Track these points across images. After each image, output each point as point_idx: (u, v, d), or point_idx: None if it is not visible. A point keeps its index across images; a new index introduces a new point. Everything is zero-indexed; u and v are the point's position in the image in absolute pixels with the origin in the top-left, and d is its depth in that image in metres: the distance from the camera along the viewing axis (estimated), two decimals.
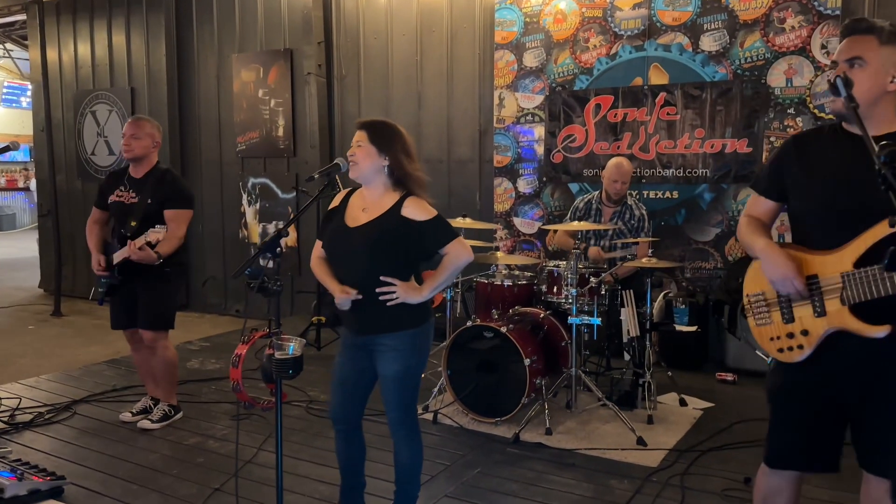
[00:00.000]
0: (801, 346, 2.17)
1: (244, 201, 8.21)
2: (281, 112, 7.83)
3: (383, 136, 2.83)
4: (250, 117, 8.04)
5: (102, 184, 4.38)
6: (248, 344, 2.51)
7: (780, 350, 2.22)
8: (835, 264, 2.10)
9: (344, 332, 2.93)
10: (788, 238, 2.40)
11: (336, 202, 2.97)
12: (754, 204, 2.42)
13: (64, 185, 9.36)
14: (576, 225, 4.41)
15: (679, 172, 5.77)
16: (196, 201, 4.44)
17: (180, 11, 8.41)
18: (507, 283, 4.70)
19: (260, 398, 2.77)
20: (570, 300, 4.24)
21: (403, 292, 2.75)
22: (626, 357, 5.50)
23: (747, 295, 2.34)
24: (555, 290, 4.42)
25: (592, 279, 4.32)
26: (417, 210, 2.77)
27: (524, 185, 6.46)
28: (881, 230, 2.00)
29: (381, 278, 2.74)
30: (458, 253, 2.82)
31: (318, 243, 2.97)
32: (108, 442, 4.06)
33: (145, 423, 4.22)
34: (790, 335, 2.19)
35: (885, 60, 2.07)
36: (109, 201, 4.28)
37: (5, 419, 4.31)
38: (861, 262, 2.05)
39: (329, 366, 5.65)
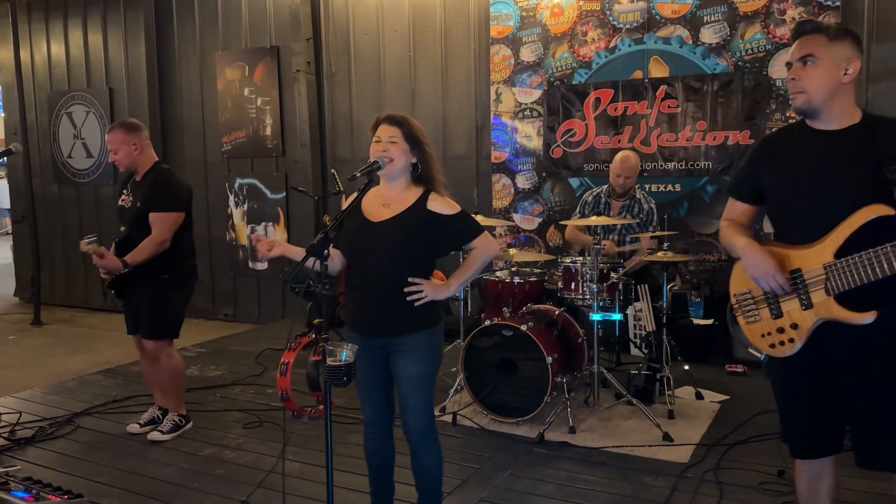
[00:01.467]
0: (791, 340, 2.23)
1: (231, 202, 8.02)
2: (268, 111, 7.66)
3: (414, 132, 2.75)
4: (236, 116, 7.85)
5: (117, 187, 4.23)
6: (294, 351, 2.40)
7: (772, 346, 2.28)
8: (816, 257, 2.17)
9: (351, 335, 2.81)
10: None
11: (346, 205, 2.86)
12: (731, 208, 2.49)
13: (39, 190, 9.06)
14: (594, 220, 4.35)
15: (681, 165, 5.76)
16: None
17: (160, 9, 8.18)
18: (518, 279, 4.64)
19: (306, 407, 2.64)
20: (590, 296, 4.19)
21: (431, 290, 2.68)
22: (633, 351, 5.52)
23: (734, 294, 2.41)
24: (572, 286, 4.36)
25: (613, 274, 4.27)
26: (443, 205, 2.72)
27: (523, 181, 6.40)
28: (857, 220, 2.09)
29: (410, 279, 2.66)
30: (485, 247, 2.77)
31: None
32: (118, 455, 3.89)
33: (156, 435, 4.06)
34: (780, 330, 2.26)
35: (836, 55, 2.17)
36: (117, 205, 4.12)
37: (5, 435, 4.11)
38: (841, 253, 2.12)
39: None
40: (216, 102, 7.94)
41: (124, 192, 4.07)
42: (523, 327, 4.11)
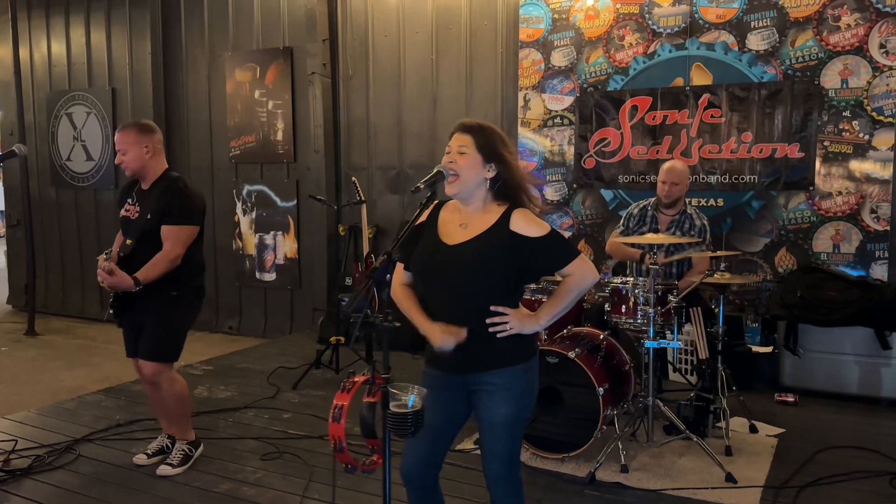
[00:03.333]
0: None
1: (238, 210, 7.65)
2: (280, 114, 7.30)
3: (490, 141, 2.37)
4: (245, 120, 7.49)
5: (119, 194, 3.83)
6: (349, 392, 2.03)
7: None
8: None
9: (429, 372, 2.45)
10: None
11: (424, 217, 2.49)
12: None
13: (36, 193, 8.66)
14: (650, 237, 3.99)
15: (724, 179, 5.43)
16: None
17: (167, 7, 7.83)
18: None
19: (358, 457, 2.25)
20: (644, 321, 3.83)
21: (518, 322, 2.32)
22: (672, 376, 5.16)
23: None
24: (622, 309, 4.00)
25: (671, 298, 3.92)
26: (529, 224, 2.33)
27: (552, 192, 6.06)
28: None
29: (492, 308, 2.30)
30: (583, 274, 2.38)
31: (400, 267, 2.49)
32: (124, 491, 3.50)
33: (165, 469, 3.67)
34: None
35: None
36: (120, 215, 3.73)
37: None
38: None
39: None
40: (224, 105, 7.58)
41: (129, 201, 3.69)
42: (571, 354, 3.75)
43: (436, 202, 2.52)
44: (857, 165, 5.05)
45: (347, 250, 6.80)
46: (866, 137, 5.00)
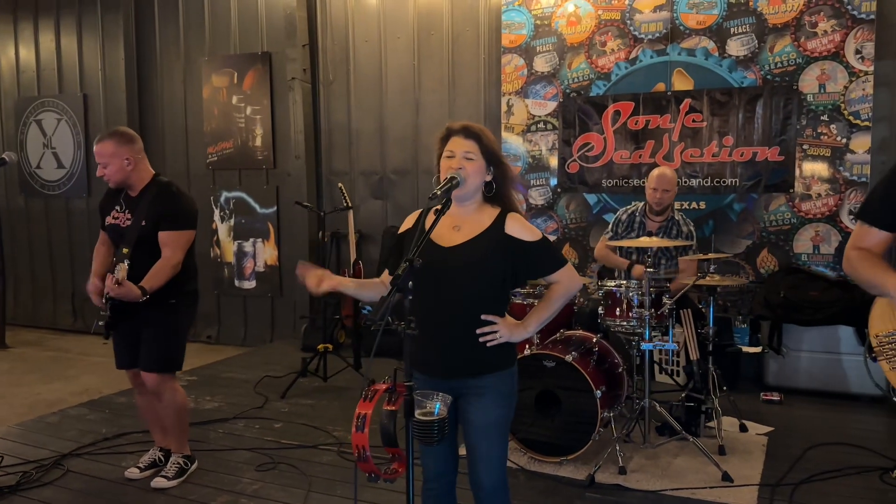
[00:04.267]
0: None
1: (216, 217, 7.55)
2: (259, 120, 7.23)
3: (491, 145, 2.41)
4: (223, 126, 7.40)
5: (100, 203, 3.73)
6: (372, 402, 2.01)
7: None
8: None
9: (418, 377, 2.42)
10: None
11: (409, 223, 2.50)
12: (864, 235, 2.20)
13: (4, 202, 8.44)
14: (645, 241, 4.04)
15: (706, 182, 5.52)
16: None
17: (140, 11, 7.70)
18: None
19: (379, 465, 2.22)
20: (640, 324, 3.87)
21: (507, 331, 2.34)
22: (658, 377, 5.21)
23: (877, 335, 2.15)
24: (617, 312, 4.03)
25: (666, 300, 3.96)
26: (523, 229, 2.37)
27: (537, 196, 6.09)
28: None
29: (483, 317, 2.31)
30: (570, 281, 2.44)
31: (385, 273, 2.50)
32: None
33: (160, 482, 3.59)
34: None
35: None
36: (105, 224, 3.64)
37: None
38: None
39: (343, 398, 5.18)
40: (201, 111, 7.48)
41: (116, 208, 3.61)
42: (568, 357, 3.77)
43: (420, 210, 2.52)
44: (835, 168, 5.17)
45: (330, 257, 6.75)
46: (844, 141, 5.13)
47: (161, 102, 7.71)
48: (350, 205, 5.36)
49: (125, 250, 3.40)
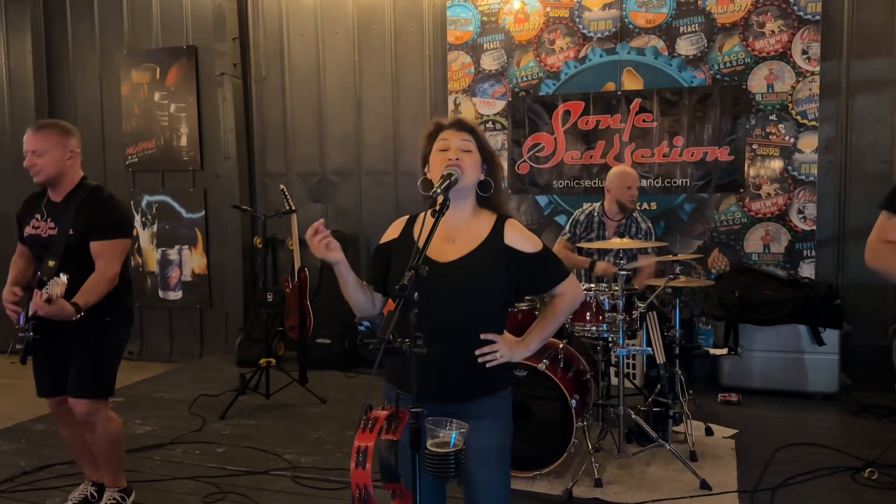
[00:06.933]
0: None
1: (137, 223, 7.01)
2: (184, 118, 6.76)
3: (485, 140, 2.17)
4: (144, 125, 6.89)
5: (19, 212, 3.28)
6: (373, 432, 1.73)
7: None
8: None
9: (401, 400, 2.15)
10: None
11: (394, 233, 2.22)
12: (892, 227, 2.09)
13: None
14: (615, 242, 3.89)
15: (657, 182, 5.46)
16: None
17: (50, 2, 7.08)
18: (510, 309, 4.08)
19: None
20: (614, 328, 3.72)
21: (508, 349, 2.10)
22: (614, 381, 5.10)
23: None
24: (587, 317, 3.87)
25: (640, 304, 3.83)
26: (523, 238, 2.13)
27: None
28: None
29: (483, 336, 2.07)
30: (575, 294, 2.22)
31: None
32: None
33: None
34: None
35: None
36: (25, 234, 3.20)
37: None
38: None
39: (289, 417, 4.82)
40: (120, 109, 6.93)
41: (37, 216, 3.18)
42: (540, 366, 3.58)
43: (407, 217, 2.26)
44: (784, 167, 5.21)
45: (265, 264, 6.35)
46: (792, 140, 5.17)
47: (74, 99, 7.12)
48: (294, 208, 5.01)
49: (51, 263, 2.98)
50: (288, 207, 4.98)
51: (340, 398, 5.18)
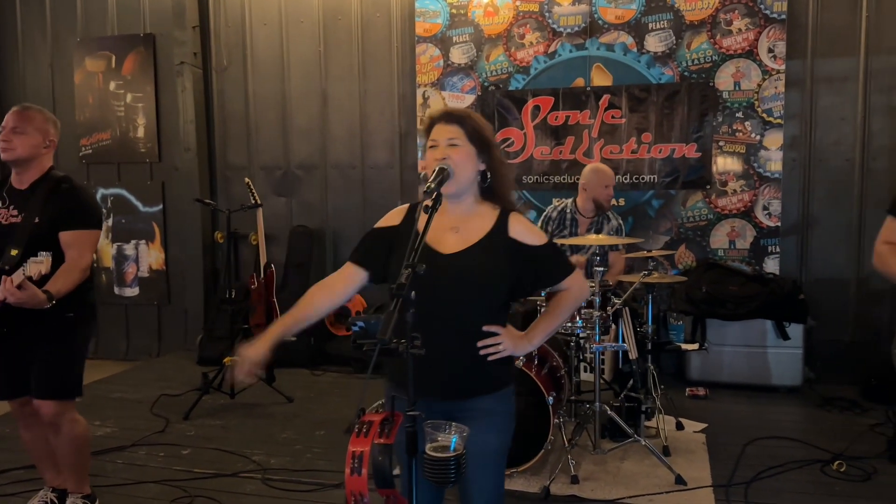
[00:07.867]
0: None
1: None
2: (141, 108, 6.54)
3: (480, 131, 2.09)
4: (99, 115, 6.64)
5: None
6: (368, 437, 1.66)
7: None
8: None
9: (399, 396, 2.09)
10: None
11: (396, 219, 2.15)
12: (892, 231, 2.17)
13: None
14: (592, 238, 3.87)
15: (625, 179, 5.47)
16: None
17: None
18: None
19: None
20: (589, 325, 3.71)
21: (511, 344, 2.05)
22: (584, 376, 5.11)
23: None
24: None
25: (614, 298, 3.82)
26: (528, 231, 2.08)
27: None
28: None
29: (486, 328, 2.02)
30: (581, 289, 2.18)
31: (348, 266, 2.16)
32: None
33: None
34: None
35: None
36: None
37: None
38: None
39: (256, 416, 4.70)
40: (73, 98, 6.67)
41: None
42: (518, 363, 3.54)
43: (408, 205, 2.20)
44: (749, 164, 5.27)
45: (228, 259, 6.19)
46: (758, 137, 5.23)
47: (24, 88, 6.82)
48: (259, 202, 4.88)
49: (14, 252, 2.83)
50: (253, 201, 4.85)
51: (308, 396, 5.08)
